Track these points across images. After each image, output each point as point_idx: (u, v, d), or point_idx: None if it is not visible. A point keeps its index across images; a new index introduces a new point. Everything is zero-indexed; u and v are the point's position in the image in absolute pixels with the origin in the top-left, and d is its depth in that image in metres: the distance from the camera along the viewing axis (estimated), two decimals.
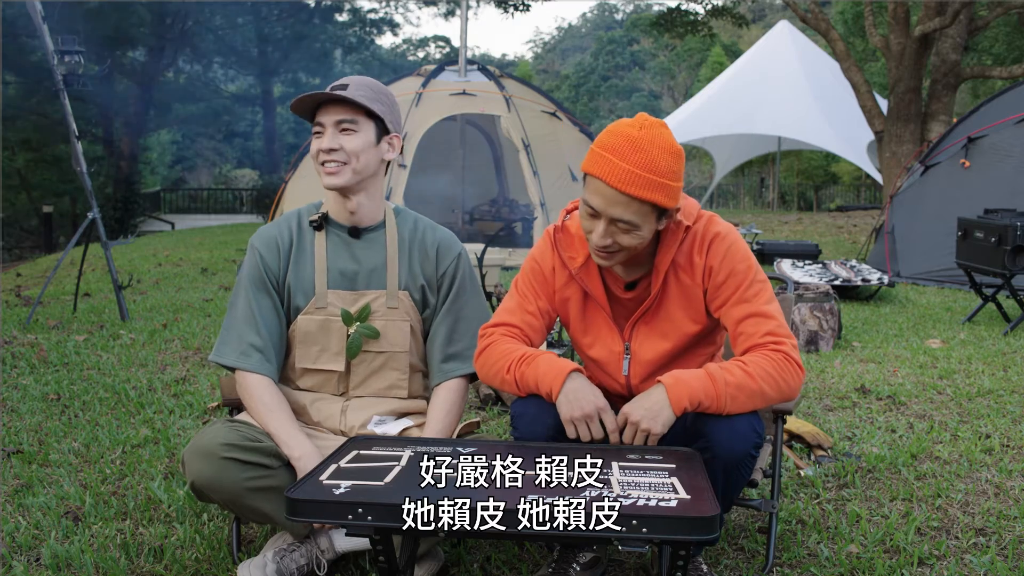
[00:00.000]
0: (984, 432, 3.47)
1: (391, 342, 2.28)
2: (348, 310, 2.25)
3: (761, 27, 34.93)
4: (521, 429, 2.05)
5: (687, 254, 2.07)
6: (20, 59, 18.07)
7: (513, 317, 2.14)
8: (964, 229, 6.25)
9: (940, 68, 11.70)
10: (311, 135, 2.30)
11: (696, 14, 17.84)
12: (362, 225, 2.30)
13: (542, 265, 2.17)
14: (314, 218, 2.29)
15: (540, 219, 9.19)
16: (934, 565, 2.31)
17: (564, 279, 2.16)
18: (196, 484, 2.05)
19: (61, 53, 5.84)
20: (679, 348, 2.13)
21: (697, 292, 2.08)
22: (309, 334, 2.26)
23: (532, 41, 78.46)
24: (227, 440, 2.04)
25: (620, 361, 2.14)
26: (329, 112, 2.20)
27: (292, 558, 2.18)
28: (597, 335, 2.16)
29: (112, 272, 6.05)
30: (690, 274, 2.07)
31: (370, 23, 27.40)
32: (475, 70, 10.48)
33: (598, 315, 2.15)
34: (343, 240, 2.29)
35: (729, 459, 1.95)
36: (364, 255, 2.29)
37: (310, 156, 2.29)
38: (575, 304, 2.16)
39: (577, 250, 2.13)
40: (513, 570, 2.30)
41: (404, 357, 2.30)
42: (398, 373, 2.30)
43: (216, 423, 2.16)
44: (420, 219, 2.40)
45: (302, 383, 2.31)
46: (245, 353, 2.22)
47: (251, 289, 2.26)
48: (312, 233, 2.29)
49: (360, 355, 2.27)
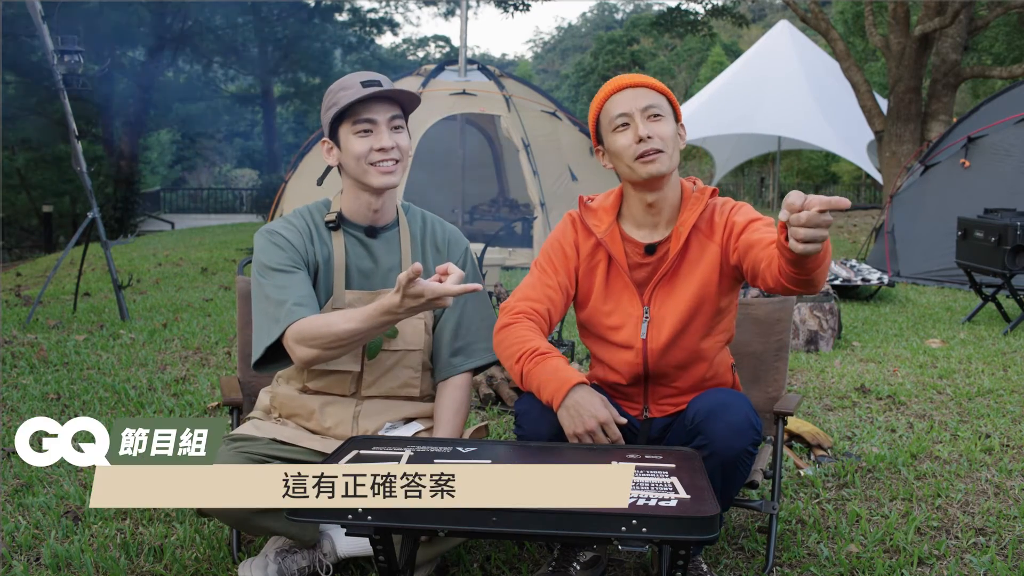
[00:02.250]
0: (984, 432, 3.47)
1: (407, 341, 2.25)
2: None
3: (761, 27, 34.92)
4: (525, 427, 2.05)
5: (709, 219, 2.17)
6: (20, 59, 18.05)
7: (534, 291, 2.20)
8: (964, 229, 6.25)
9: (940, 68, 11.70)
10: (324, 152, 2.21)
11: (696, 14, 17.85)
12: (379, 224, 2.26)
13: (563, 241, 2.24)
14: (330, 218, 2.24)
15: (540, 219, 9.19)
16: (934, 565, 2.31)
17: (589, 249, 2.22)
18: (204, 511, 2.05)
19: (61, 53, 5.84)
20: (696, 315, 2.15)
21: (715, 251, 2.14)
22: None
23: (532, 41, 78.39)
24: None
25: (638, 325, 2.16)
26: (380, 109, 2.14)
27: (294, 559, 2.18)
28: (618, 301, 2.19)
29: (112, 272, 6.05)
30: (709, 235, 2.16)
31: (370, 23, 27.35)
32: (475, 70, 10.47)
33: (619, 280, 2.19)
34: (360, 240, 2.26)
35: (727, 456, 1.96)
36: (381, 254, 2.26)
37: (352, 161, 2.16)
38: (600, 272, 2.21)
39: (601, 218, 2.22)
40: (513, 570, 2.30)
41: (418, 355, 2.27)
42: (411, 371, 2.26)
43: (220, 445, 2.04)
44: (426, 215, 2.38)
45: (312, 384, 2.24)
46: (281, 318, 2.05)
47: (272, 274, 2.12)
48: (327, 232, 2.25)
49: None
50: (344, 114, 2.15)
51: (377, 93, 2.12)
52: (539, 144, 9.62)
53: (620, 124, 2.11)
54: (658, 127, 2.09)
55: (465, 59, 10.33)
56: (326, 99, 2.21)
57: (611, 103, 2.14)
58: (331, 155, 2.23)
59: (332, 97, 2.18)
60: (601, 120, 2.16)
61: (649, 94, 2.12)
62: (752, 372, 2.55)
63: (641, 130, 2.07)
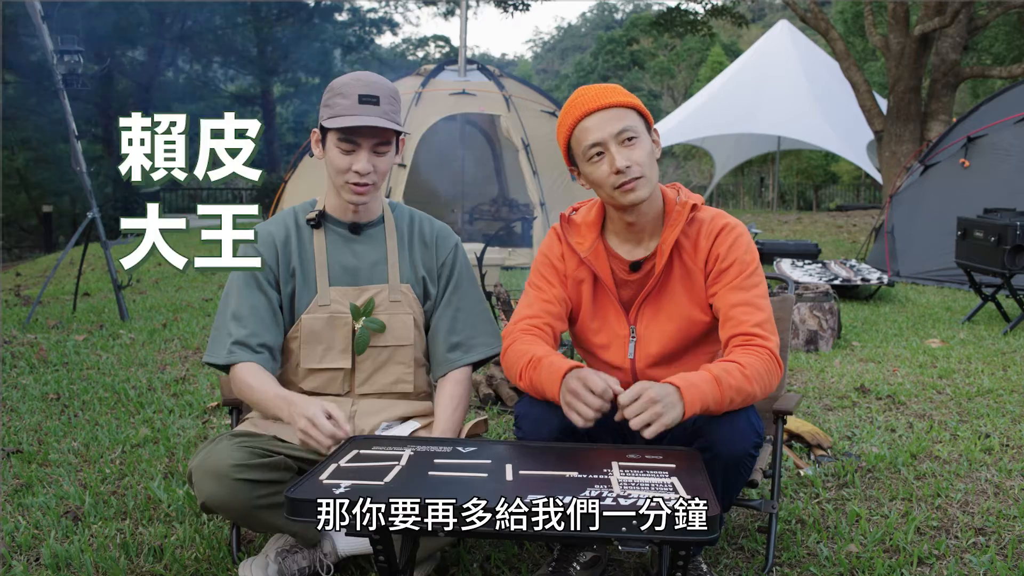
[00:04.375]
0: (984, 432, 3.47)
1: (396, 336, 2.26)
2: (355, 304, 2.24)
3: (761, 27, 34.91)
4: (525, 429, 2.05)
5: (693, 238, 2.12)
6: (20, 59, 18.06)
7: (532, 309, 2.17)
8: (963, 229, 6.25)
9: (940, 68, 11.70)
10: (311, 140, 2.24)
11: (696, 14, 17.82)
12: (362, 221, 2.29)
13: (550, 255, 2.22)
14: (311, 216, 2.27)
15: (540, 219, 9.19)
16: (934, 564, 2.31)
17: (575, 263, 2.20)
18: (207, 504, 2.03)
19: (61, 52, 5.84)
20: (683, 333, 2.13)
21: (699, 277, 2.11)
22: (314, 333, 2.23)
23: (532, 40, 78.41)
24: (237, 460, 2.01)
25: (625, 345, 2.16)
26: (366, 134, 2.14)
27: (294, 559, 2.18)
28: (604, 319, 2.18)
29: (112, 272, 6.05)
30: (694, 257, 2.11)
31: (370, 22, 27.39)
32: (475, 70, 10.46)
33: (606, 298, 2.18)
34: (343, 237, 2.28)
35: (729, 458, 1.95)
36: (365, 250, 2.28)
37: (332, 169, 2.20)
38: (587, 287, 2.19)
39: (584, 236, 2.18)
40: (513, 569, 2.30)
41: (409, 351, 2.28)
42: (403, 367, 2.28)
43: (223, 439, 2.11)
44: (415, 212, 2.40)
45: (306, 385, 2.26)
46: (232, 351, 2.18)
47: (243, 287, 2.23)
48: (310, 231, 2.28)
49: (366, 351, 2.26)
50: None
51: (366, 124, 2.11)
52: (539, 144, 9.62)
53: (594, 154, 2.03)
54: (634, 152, 2.02)
55: (465, 59, 10.33)
56: (325, 94, 2.21)
57: (581, 131, 2.04)
58: (317, 148, 2.25)
59: (329, 98, 2.18)
60: (572, 147, 2.08)
61: (618, 115, 2.02)
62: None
63: (618, 161, 2.00)
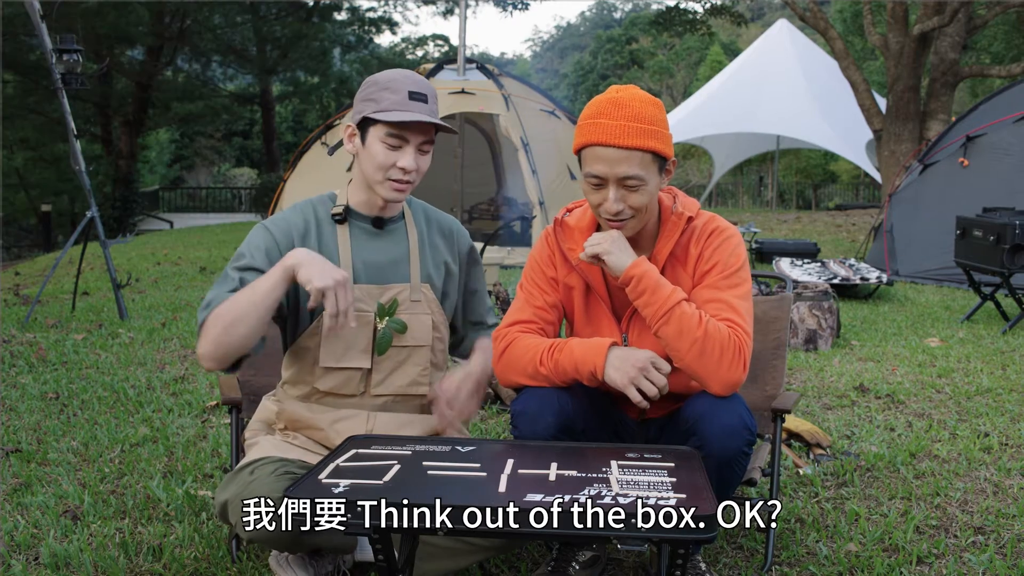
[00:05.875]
0: (983, 431, 3.47)
1: (415, 336, 2.21)
2: (381, 303, 2.17)
3: (760, 26, 34.94)
4: (522, 428, 2.04)
5: (684, 246, 2.11)
6: (19, 58, 18.04)
7: (524, 313, 2.16)
8: (963, 228, 6.25)
9: (939, 67, 11.71)
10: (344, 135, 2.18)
11: (695, 12, 17.83)
12: (387, 215, 2.24)
13: (540, 260, 2.20)
14: (337, 211, 2.20)
15: (539, 218, 9.18)
16: (933, 563, 2.32)
17: (566, 270, 2.18)
18: (256, 539, 1.94)
19: (60, 52, 5.83)
20: None
21: (688, 281, 2.10)
22: (335, 330, 2.12)
23: (531, 40, 78.46)
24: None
25: None
26: (416, 130, 2.09)
27: (322, 564, 2.14)
28: (597, 327, 2.17)
29: (111, 271, 6.05)
30: (684, 265, 2.11)
31: (369, 22, 27.33)
32: (474, 69, 10.46)
33: (598, 306, 2.17)
34: (366, 232, 2.22)
35: (722, 457, 1.96)
36: (387, 246, 2.23)
37: (371, 165, 2.12)
38: (578, 294, 2.18)
39: (577, 242, 2.14)
40: (512, 569, 2.30)
41: (426, 352, 2.23)
42: (419, 369, 2.22)
43: (258, 468, 2.00)
44: (425, 206, 2.38)
45: (321, 384, 2.18)
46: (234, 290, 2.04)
47: (246, 271, 2.09)
48: (332, 226, 2.21)
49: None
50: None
51: (420, 120, 2.06)
52: (538, 143, 9.62)
53: (595, 182, 1.99)
54: (632, 197, 1.97)
55: (464, 58, 10.33)
56: (366, 88, 2.13)
57: (591, 154, 1.97)
58: (351, 142, 2.17)
59: (375, 91, 2.10)
60: (580, 155, 2.02)
61: (632, 159, 1.93)
62: (750, 370, 2.54)
63: (611, 205, 1.97)
